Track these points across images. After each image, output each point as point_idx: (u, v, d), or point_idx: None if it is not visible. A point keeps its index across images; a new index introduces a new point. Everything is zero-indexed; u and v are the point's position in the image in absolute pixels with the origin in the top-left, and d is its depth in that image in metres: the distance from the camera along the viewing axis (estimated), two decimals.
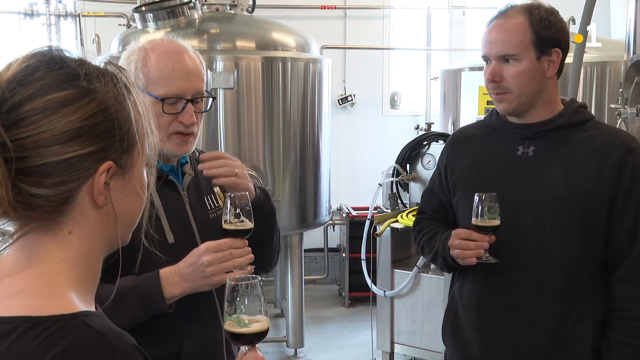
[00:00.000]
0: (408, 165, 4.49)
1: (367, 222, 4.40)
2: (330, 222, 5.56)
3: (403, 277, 4.24)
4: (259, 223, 1.75)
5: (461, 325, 2.09)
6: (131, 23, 5.05)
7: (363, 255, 4.40)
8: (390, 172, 4.53)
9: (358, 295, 5.70)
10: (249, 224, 1.67)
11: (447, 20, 6.79)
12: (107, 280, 1.08)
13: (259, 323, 1.28)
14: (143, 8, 4.30)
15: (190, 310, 1.70)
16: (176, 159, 1.82)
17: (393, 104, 6.77)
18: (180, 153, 1.77)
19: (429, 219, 2.21)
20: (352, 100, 6.56)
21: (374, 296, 4.38)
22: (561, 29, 1.94)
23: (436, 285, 4.14)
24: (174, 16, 4.25)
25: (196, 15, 4.33)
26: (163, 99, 1.69)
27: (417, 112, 6.68)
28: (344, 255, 5.90)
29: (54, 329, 0.85)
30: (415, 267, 4.18)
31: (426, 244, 2.16)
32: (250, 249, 1.68)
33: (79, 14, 5.57)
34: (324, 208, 4.74)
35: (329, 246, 6.26)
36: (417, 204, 4.46)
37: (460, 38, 6.78)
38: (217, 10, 4.53)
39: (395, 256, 4.33)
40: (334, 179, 5.28)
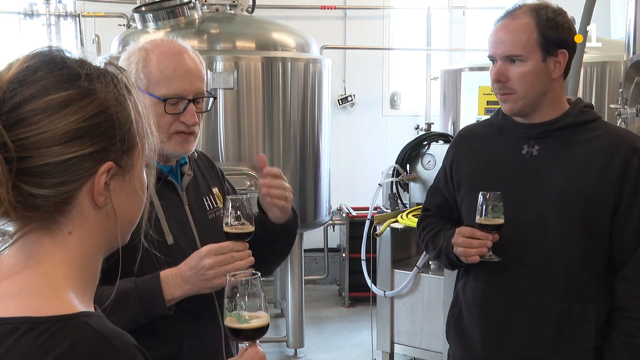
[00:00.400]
0: (408, 165, 4.50)
1: (367, 222, 4.40)
2: (330, 222, 5.56)
3: (403, 277, 4.24)
4: (283, 238, 1.81)
5: (464, 323, 2.09)
6: (131, 23, 5.05)
7: (363, 256, 4.39)
8: (390, 172, 4.53)
9: (358, 295, 5.70)
10: (250, 227, 1.68)
11: (447, 20, 6.78)
12: (106, 280, 1.08)
13: (259, 319, 1.29)
14: (143, 8, 4.30)
15: (189, 312, 1.70)
16: (175, 160, 1.81)
17: (393, 104, 6.76)
18: (181, 153, 1.77)
19: (434, 216, 2.22)
20: (352, 100, 6.55)
21: (374, 296, 4.37)
22: (568, 29, 1.93)
23: (436, 286, 4.13)
24: (174, 16, 4.25)
25: (196, 16, 4.33)
26: (165, 100, 1.69)
27: (417, 112, 6.67)
28: (344, 255, 5.90)
29: (54, 329, 0.85)
30: (415, 267, 4.18)
31: (430, 241, 2.16)
32: (250, 251, 1.68)
33: (79, 14, 5.57)
34: (324, 208, 4.74)
35: (329, 246, 6.26)
36: (417, 204, 4.48)
37: (460, 38, 6.78)
38: (217, 10, 4.53)
39: (395, 256, 4.33)
40: (334, 179, 5.28)
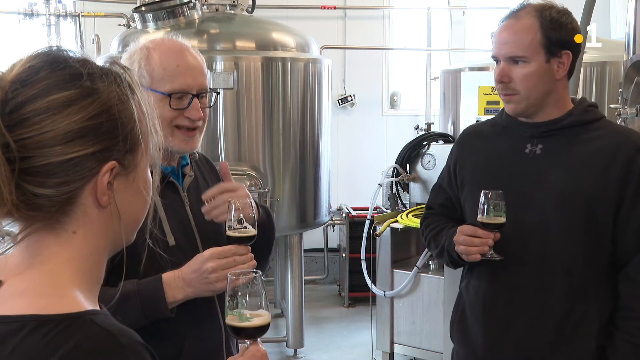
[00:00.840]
0: (408, 165, 4.49)
1: (367, 222, 4.40)
2: (330, 222, 5.56)
3: (403, 277, 4.24)
4: (260, 242, 1.76)
5: (467, 321, 2.10)
6: (131, 23, 5.05)
7: (363, 256, 4.39)
8: (390, 172, 4.52)
9: (358, 295, 5.70)
10: (253, 231, 1.67)
11: (447, 20, 6.78)
12: (111, 280, 1.08)
13: (260, 317, 1.29)
14: (143, 8, 4.29)
15: (190, 312, 1.70)
16: (179, 157, 1.81)
17: (393, 104, 6.76)
18: (186, 149, 1.76)
19: (437, 214, 2.22)
20: (352, 100, 6.55)
21: (374, 296, 4.37)
22: (572, 30, 1.92)
23: (436, 286, 4.13)
24: (174, 16, 4.25)
25: (196, 16, 4.33)
26: (170, 95, 1.70)
27: (417, 112, 6.67)
28: (343, 255, 5.89)
29: (61, 327, 0.85)
30: (415, 267, 4.18)
31: (433, 239, 2.16)
32: (253, 255, 1.68)
33: (79, 14, 5.57)
34: (323, 208, 4.74)
35: (328, 246, 6.26)
36: (417, 204, 4.48)
37: (460, 38, 6.78)
38: (217, 10, 4.53)
39: (395, 256, 4.33)
40: (334, 179, 5.28)
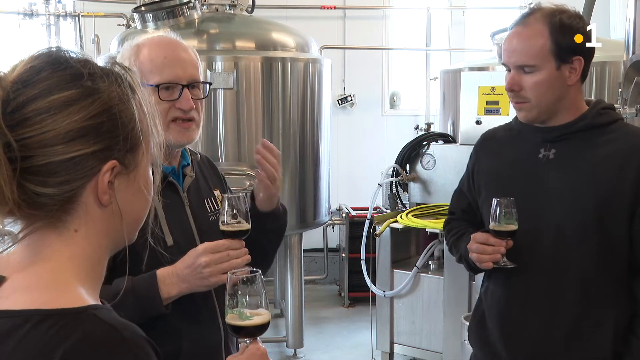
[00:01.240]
0: (407, 165, 4.49)
1: (367, 222, 4.40)
2: (330, 222, 5.56)
3: (402, 277, 4.24)
4: (269, 234, 1.77)
5: (486, 326, 2.09)
6: (130, 23, 5.05)
7: (363, 256, 4.39)
8: (390, 172, 4.52)
9: (358, 295, 5.70)
10: (246, 225, 1.67)
11: (446, 20, 6.78)
12: (112, 279, 1.08)
13: (260, 316, 1.29)
14: (142, 8, 4.29)
15: (189, 312, 1.70)
16: (180, 157, 1.81)
17: (392, 104, 6.77)
18: (182, 141, 1.75)
19: (459, 219, 2.21)
20: (351, 100, 6.55)
21: (374, 296, 4.37)
22: (584, 35, 1.86)
23: (436, 286, 4.14)
24: (174, 16, 4.25)
25: (195, 16, 4.33)
26: (158, 86, 1.69)
27: (417, 113, 6.67)
28: (343, 255, 5.90)
29: (64, 322, 0.85)
30: (415, 267, 4.18)
31: (453, 245, 2.17)
32: (247, 249, 1.68)
33: (79, 14, 5.57)
34: (323, 208, 4.74)
35: (328, 246, 6.26)
36: (417, 204, 4.49)
37: (460, 38, 6.78)
38: (217, 10, 4.53)
39: (394, 256, 4.33)
40: (334, 179, 5.28)
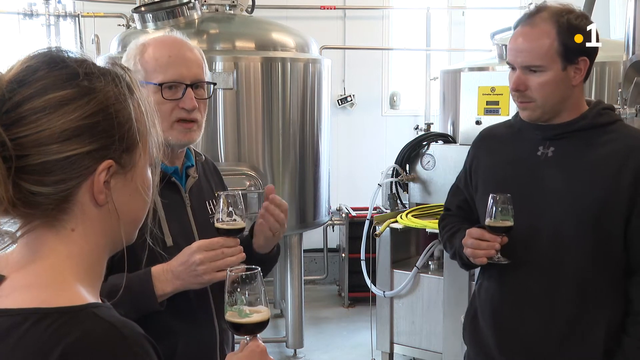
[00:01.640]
0: (407, 165, 4.49)
1: (367, 223, 4.40)
2: (330, 222, 5.56)
3: (402, 278, 4.24)
4: (264, 263, 1.79)
5: (479, 323, 2.09)
6: (130, 23, 5.05)
7: (362, 256, 4.39)
8: (390, 172, 4.52)
9: (357, 295, 5.70)
10: (241, 223, 1.68)
11: (446, 20, 6.78)
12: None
13: (259, 313, 1.30)
14: (142, 8, 4.29)
15: (184, 311, 1.70)
16: (183, 157, 1.81)
17: (392, 104, 6.76)
18: (184, 142, 1.75)
19: (454, 215, 2.22)
20: (351, 100, 6.55)
21: (374, 296, 4.37)
22: (590, 35, 1.86)
23: (436, 286, 4.14)
24: (174, 16, 4.25)
25: (195, 16, 4.33)
26: (161, 84, 1.70)
27: (417, 113, 6.67)
28: (343, 255, 5.89)
29: (64, 320, 0.86)
30: (415, 268, 4.18)
31: (448, 242, 2.17)
32: (242, 247, 1.68)
33: (79, 14, 5.57)
34: (323, 208, 4.74)
35: (328, 246, 6.26)
36: (417, 204, 4.48)
37: (460, 38, 6.78)
38: (217, 10, 4.53)
39: (394, 256, 4.33)
40: (334, 179, 5.28)
